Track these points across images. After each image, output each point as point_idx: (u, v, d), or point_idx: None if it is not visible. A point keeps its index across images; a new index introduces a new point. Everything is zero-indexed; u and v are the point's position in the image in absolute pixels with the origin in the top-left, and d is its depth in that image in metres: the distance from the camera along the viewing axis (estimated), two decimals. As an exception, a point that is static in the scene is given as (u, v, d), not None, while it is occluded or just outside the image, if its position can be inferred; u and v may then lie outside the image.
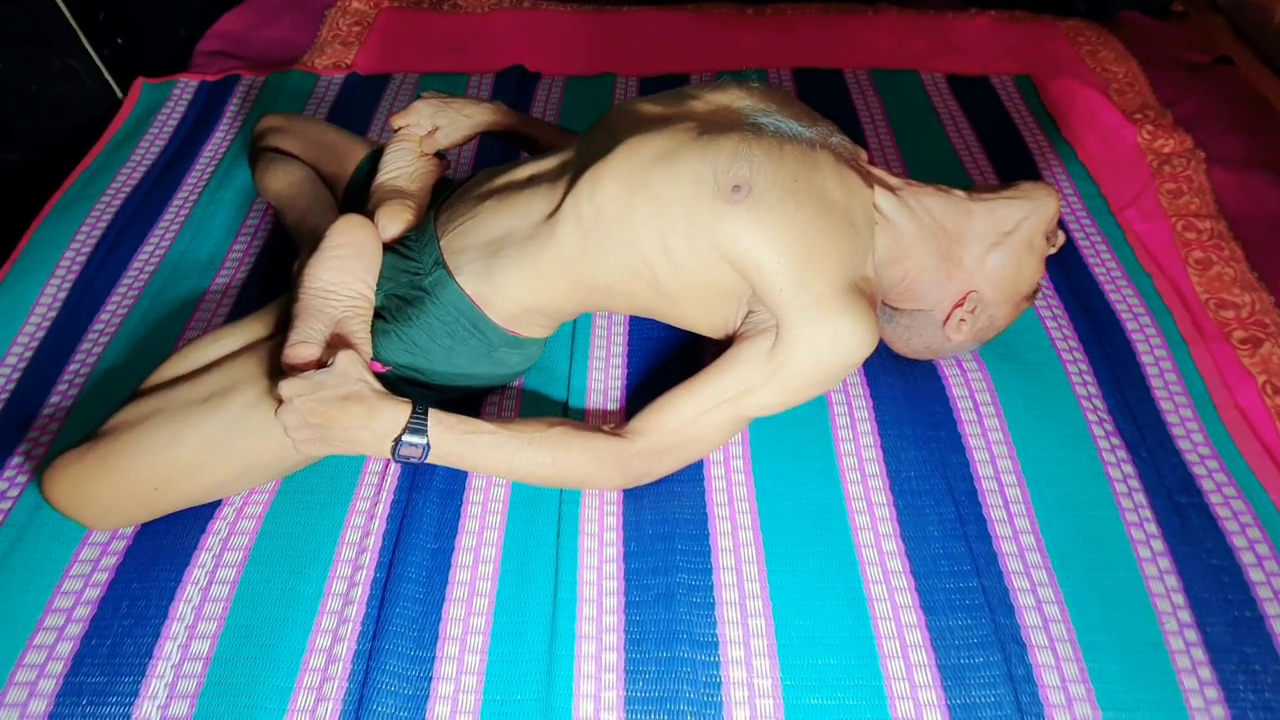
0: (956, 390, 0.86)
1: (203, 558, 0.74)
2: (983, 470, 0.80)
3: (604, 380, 0.87)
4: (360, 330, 0.74)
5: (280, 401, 0.66)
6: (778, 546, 0.74)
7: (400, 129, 0.92)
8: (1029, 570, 0.73)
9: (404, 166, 0.89)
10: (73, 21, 1.35)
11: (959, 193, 0.76)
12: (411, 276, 0.78)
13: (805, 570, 0.73)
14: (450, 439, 0.69)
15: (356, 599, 0.71)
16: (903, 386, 0.86)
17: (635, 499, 0.78)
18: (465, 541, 0.75)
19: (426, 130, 0.92)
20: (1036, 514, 0.76)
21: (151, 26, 1.47)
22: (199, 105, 1.28)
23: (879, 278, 0.75)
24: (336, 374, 0.67)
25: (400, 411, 0.67)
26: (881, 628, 0.69)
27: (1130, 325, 0.94)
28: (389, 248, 0.81)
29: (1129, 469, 0.80)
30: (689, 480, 0.79)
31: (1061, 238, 0.78)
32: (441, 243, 0.78)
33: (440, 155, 0.96)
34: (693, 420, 0.73)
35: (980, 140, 1.21)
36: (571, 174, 0.74)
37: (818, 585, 0.72)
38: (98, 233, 1.07)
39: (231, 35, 1.45)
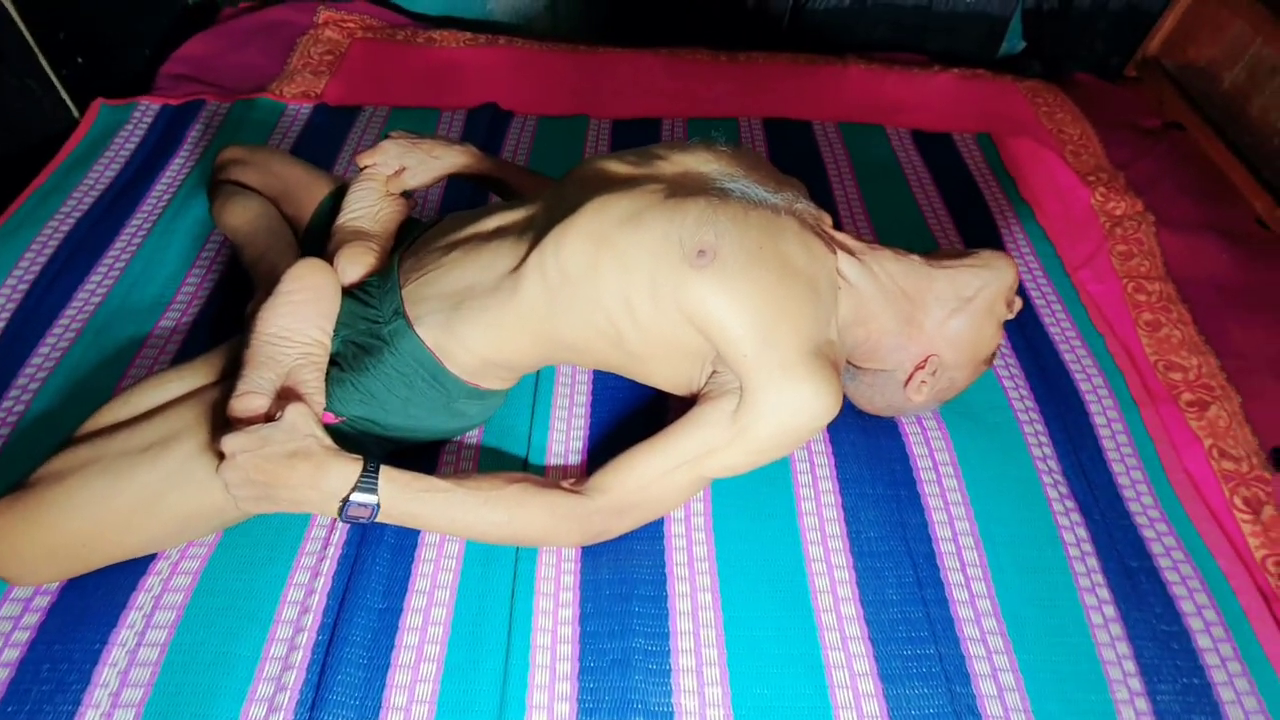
0: (917, 449, 0.87)
1: (132, 617, 0.70)
2: (941, 532, 0.80)
3: (565, 434, 0.86)
4: (313, 379, 0.72)
5: (222, 457, 0.64)
6: (736, 610, 0.73)
7: (366, 168, 0.90)
8: (985, 637, 0.73)
9: (368, 207, 0.88)
10: (30, 38, 1.31)
11: (917, 258, 0.77)
12: (370, 324, 0.76)
13: (764, 635, 0.72)
14: (403, 498, 0.67)
15: (296, 664, 0.68)
16: (865, 444, 0.87)
17: (593, 556, 0.77)
18: (415, 601, 0.73)
19: (393, 170, 0.90)
20: (993, 577, 0.77)
21: (115, 47, 1.44)
22: (159, 129, 1.25)
23: (842, 340, 0.75)
24: (284, 429, 0.65)
25: (350, 469, 0.65)
26: (839, 697, 0.68)
27: (1084, 386, 0.96)
28: (348, 292, 0.79)
29: (1082, 532, 0.81)
30: (649, 538, 0.78)
31: (1019, 304, 0.80)
32: (403, 291, 0.77)
33: (406, 195, 0.95)
34: (654, 480, 0.72)
35: (943, 196, 1.23)
36: (538, 229, 0.73)
37: (776, 651, 0.71)
38: (43, 259, 1.03)
39: (198, 59, 1.43)
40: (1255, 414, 0.95)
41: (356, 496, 0.65)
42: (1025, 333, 1.02)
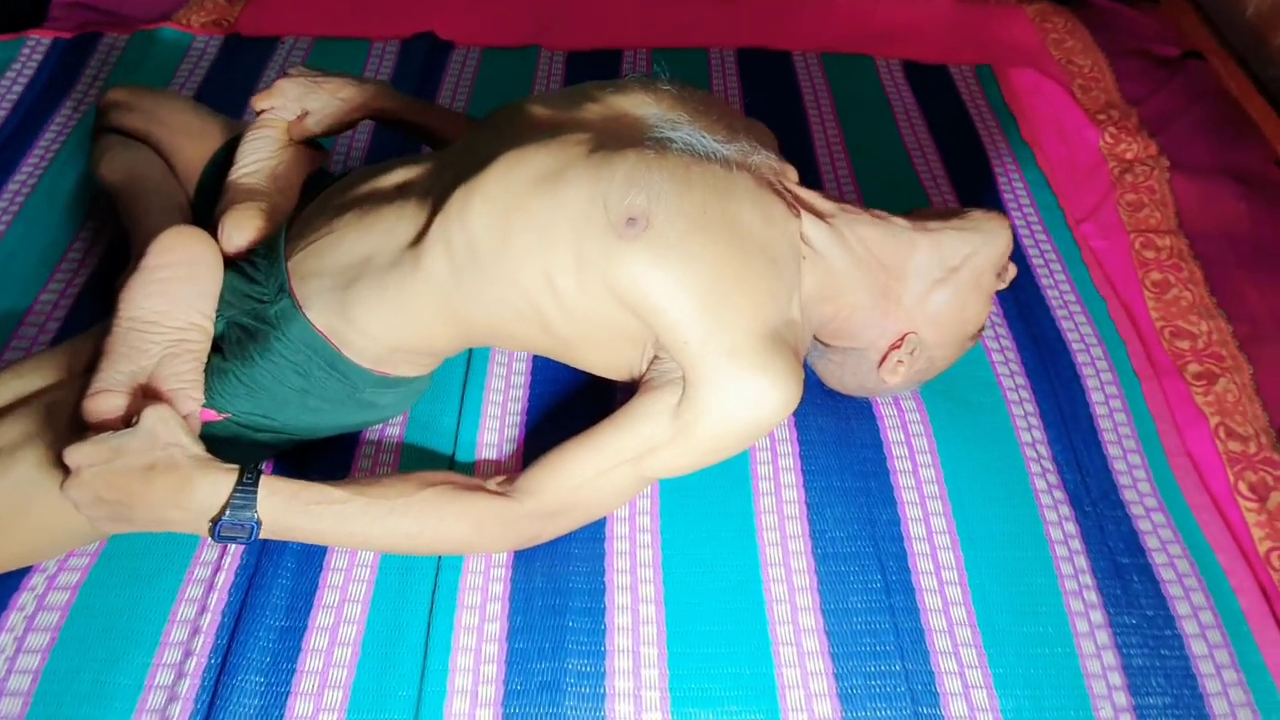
0: (892, 434, 0.78)
1: (2, 640, 0.62)
2: (914, 530, 0.72)
3: (500, 419, 0.76)
4: (188, 371, 0.62)
5: (69, 471, 0.54)
6: (682, 624, 0.65)
7: (262, 112, 0.77)
8: (957, 650, 0.66)
9: (265, 159, 0.75)
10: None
11: (901, 221, 0.66)
12: (254, 304, 0.65)
13: (711, 652, 0.64)
14: (288, 513, 0.57)
15: (183, 694, 0.60)
16: (834, 428, 0.78)
17: (527, 560, 0.68)
18: (321, 618, 0.65)
19: (294, 114, 0.78)
20: (969, 581, 0.69)
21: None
22: (49, 68, 1.10)
23: (805, 318, 0.65)
24: (140, 436, 0.55)
25: (221, 483, 0.55)
26: (793, 720, 0.61)
27: (1081, 359, 0.87)
28: (232, 263, 0.68)
29: (1071, 527, 0.73)
30: (588, 539, 0.70)
31: (1013, 272, 0.70)
32: (289, 264, 0.65)
33: (317, 145, 0.82)
34: (589, 480, 0.63)
35: (934, 136, 1.10)
36: (442, 190, 0.61)
37: (724, 671, 0.63)
38: (-89, 222, 0.90)
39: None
40: (1267, 386, 0.86)
41: (231, 515, 0.55)
42: (1019, 298, 0.91)
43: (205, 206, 0.78)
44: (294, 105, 0.77)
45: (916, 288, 0.66)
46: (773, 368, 0.58)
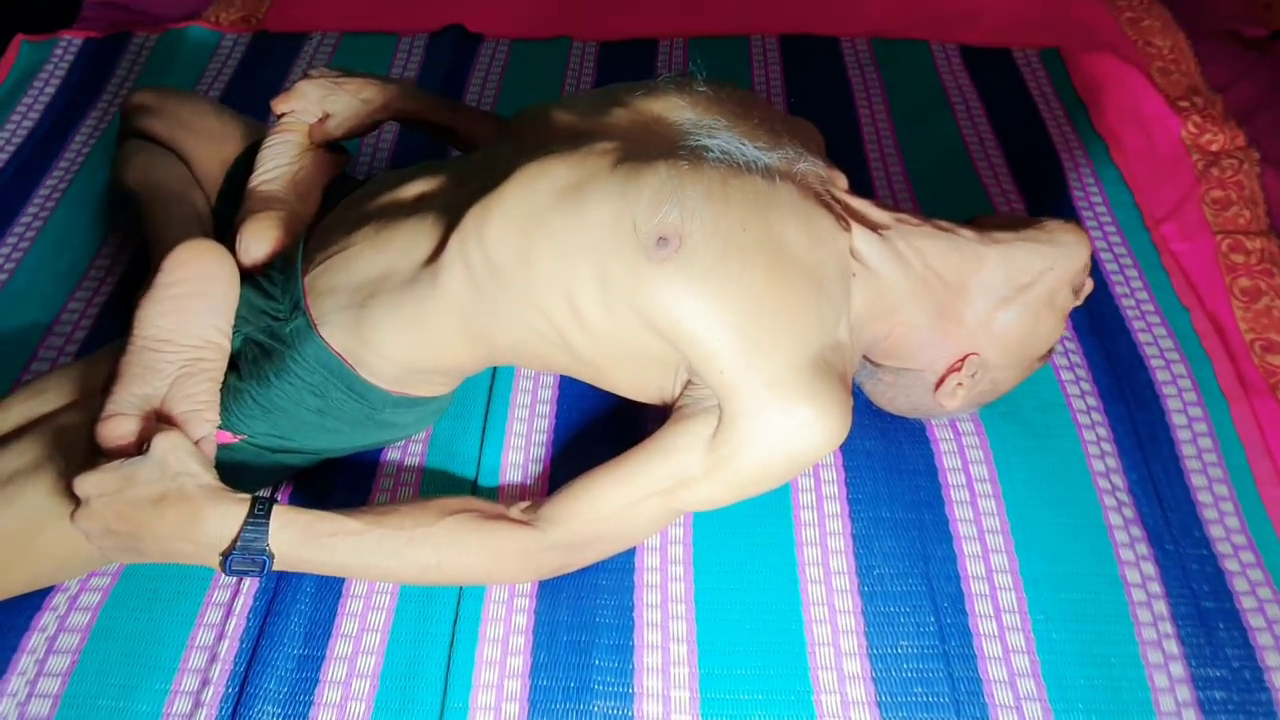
0: (947, 460, 0.71)
1: (24, 663, 0.61)
2: (972, 568, 0.66)
3: (525, 439, 0.73)
4: (203, 392, 0.59)
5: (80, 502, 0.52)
6: (716, 665, 0.61)
7: (283, 116, 0.74)
8: (1020, 704, 0.60)
9: (285, 165, 0.73)
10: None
11: (966, 232, 0.60)
12: (270, 320, 0.63)
13: (747, 699, 0.60)
14: (301, 546, 0.54)
15: (200, 724, 0.58)
16: (883, 453, 0.72)
17: (553, 591, 0.65)
18: (340, 648, 0.62)
19: (315, 117, 0.75)
20: (1034, 628, 0.63)
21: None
22: (80, 68, 1.09)
23: (855, 339, 0.59)
24: (151, 465, 0.52)
25: (232, 514, 0.53)
26: (835, 777, 0.57)
27: (1161, 376, 0.79)
28: (250, 277, 0.65)
29: (1149, 568, 0.66)
30: (616, 570, 0.66)
31: (1090, 288, 0.63)
32: (305, 280, 0.62)
33: (340, 149, 0.79)
34: (618, 512, 0.59)
35: (995, 130, 1.02)
36: (462, 203, 0.57)
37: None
38: (-52, 228, 0.91)
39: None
40: (1373, 409, 0.77)
41: (242, 549, 0.53)
42: (1091, 308, 0.83)
43: (227, 213, 0.75)
44: (315, 108, 0.74)
45: (981, 306, 0.60)
46: (817, 398, 0.53)
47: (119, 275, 0.86)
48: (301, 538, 0.54)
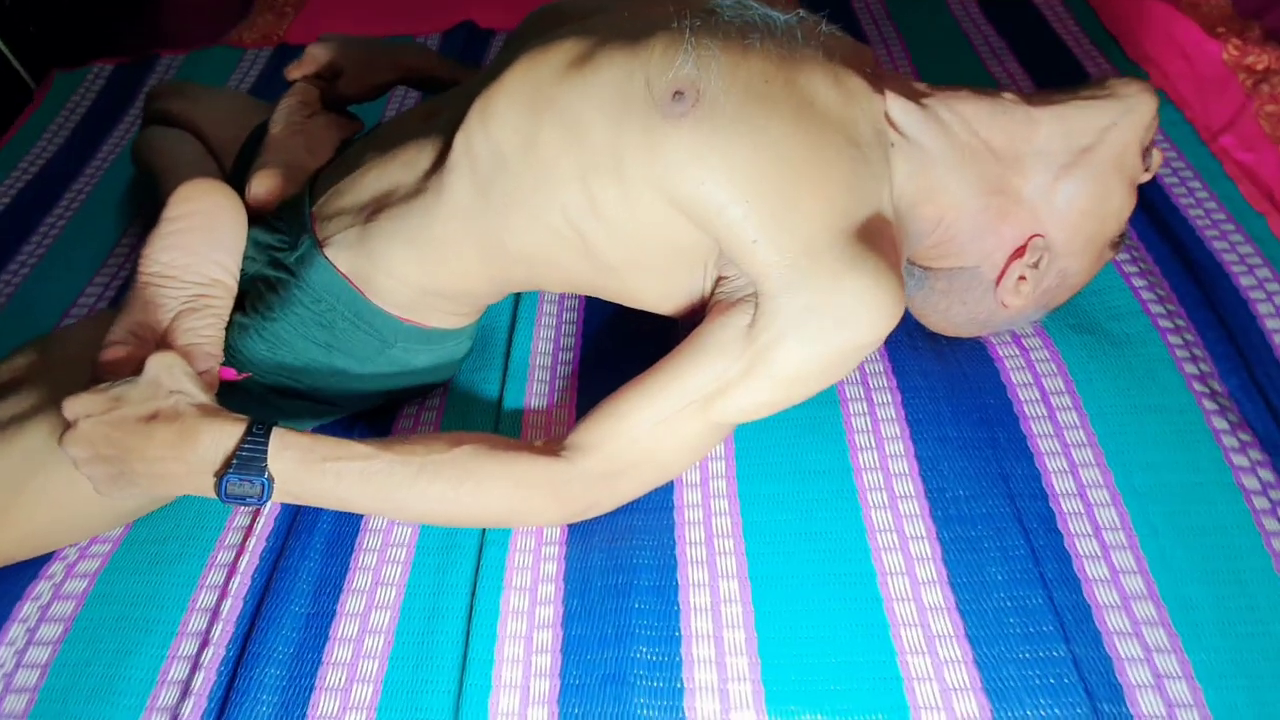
0: (1016, 376, 0.64)
1: (13, 632, 0.57)
2: (1059, 485, 0.58)
3: (549, 385, 0.68)
4: (206, 327, 0.56)
5: (69, 426, 0.48)
6: (772, 603, 0.53)
7: (296, 80, 0.74)
8: (1139, 629, 0.50)
9: (297, 122, 0.71)
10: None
11: (1010, 96, 0.55)
12: (275, 253, 0.60)
13: (812, 636, 0.52)
14: (303, 471, 0.49)
15: (197, 689, 0.52)
16: (941, 374, 0.65)
17: (583, 536, 0.58)
18: (351, 604, 0.56)
19: (327, 80, 0.74)
20: (1142, 545, 0.54)
21: (68, 10, 1.33)
22: (110, 93, 1.12)
23: (901, 225, 0.54)
24: (142, 385, 0.48)
25: (227, 433, 0.48)
26: (925, 721, 0.48)
27: (1245, 281, 0.71)
28: (258, 219, 0.62)
29: (1268, 474, 0.57)
30: (653, 508, 0.59)
31: (1158, 158, 0.56)
32: (314, 207, 0.60)
33: (351, 116, 0.78)
34: (649, 431, 0.53)
35: (1024, 66, 0.98)
36: (465, 106, 0.54)
37: (830, 660, 0.51)
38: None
39: (160, 13, 1.30)
40: None
41: (238, 469, 0.48)
42: (1158, 219, 0.76)
43: (241, 183, 0.74)
44: (326, 71, 0.74)
45: (1040, 178, 0.54)
46: (862, 266, 0.47)
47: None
48: (303, 461, 0.49)
